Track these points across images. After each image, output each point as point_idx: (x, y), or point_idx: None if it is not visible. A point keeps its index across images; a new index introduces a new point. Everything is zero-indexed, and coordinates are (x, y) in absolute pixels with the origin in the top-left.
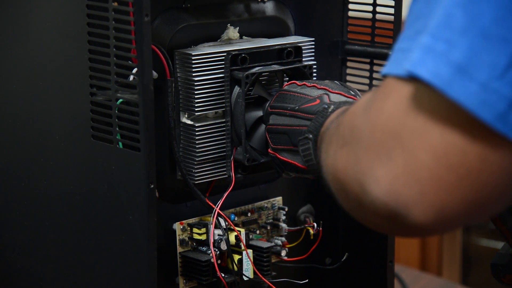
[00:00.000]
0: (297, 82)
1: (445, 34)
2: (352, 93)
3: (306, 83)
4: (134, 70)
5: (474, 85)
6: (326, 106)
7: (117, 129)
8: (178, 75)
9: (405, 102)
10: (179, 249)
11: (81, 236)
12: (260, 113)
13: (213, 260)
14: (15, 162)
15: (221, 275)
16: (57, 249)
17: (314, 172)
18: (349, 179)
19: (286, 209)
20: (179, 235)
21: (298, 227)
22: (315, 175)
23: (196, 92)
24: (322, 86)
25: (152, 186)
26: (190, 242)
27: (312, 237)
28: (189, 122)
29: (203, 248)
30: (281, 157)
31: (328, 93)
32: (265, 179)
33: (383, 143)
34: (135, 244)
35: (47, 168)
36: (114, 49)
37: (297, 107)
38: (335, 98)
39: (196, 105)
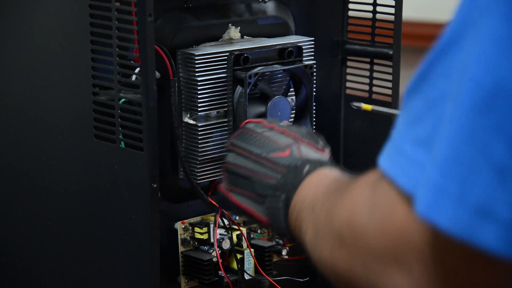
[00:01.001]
0: (265, 122)
1: (456, 171)
2: (321, 143)
3: (275, 127)
4: (137, 70)
5: (497, 227)
6: (299, 164)
7: (120, 128)
8: (181, 75)
9: (417, 223)
10: (181, 248)
11: (83, 235)
12: (262, 112)
13: (218, 259)
14: (17, 162)
15: (226, 274)
16: (59, 249)
17: (276, 231)
18: (360, 282)
19: None
20: (181, 234)
21: None
22: (277, 234)
23: (198, 92)
24: (291, 134)
25: (155, 185)
26: (191, 242)
27: None
28: (191, 121)
29: (205, 247)
30: (236, 201)
31: (298, 143)
32: None
33: (399, 252)
34: (137, 243)
35: (49, 168)
36: (117, 49)
37: (264, 154)
38: (305, 150)
39: (198, 105)
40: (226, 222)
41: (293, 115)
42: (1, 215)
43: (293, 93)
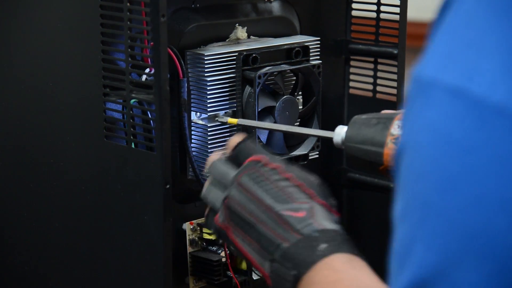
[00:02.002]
0: (282, 168)
1: None
2: (331, 201)
3: (292, 177)
4: (147, 70)
5: None
6: (314, 236)
7: (131, 129)
8: (190, 75)
9: None
10: (189, 249)
11: (94, 237)
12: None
13: (227, 259)
14: (26, 163)
15: (234, 274)
16: (70, 250)
17: None
18: None
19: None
20: (189, 235)
21: None
22: None
23: (208, 92)
24: (308, 189)
25: (168, 186)
26: (199, 242)
27: None
28: (200, 122)
29: (213, 247)
30: (235, 241)
31: (313, 203)
32: None
33: None
34: (150, 244)
35: (59, 169)
36: (129, 50)
37: (277, 209)
38: (320, 214)
39: (208, 105)
40: None
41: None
42: (10, 216)
43: (301, 92)
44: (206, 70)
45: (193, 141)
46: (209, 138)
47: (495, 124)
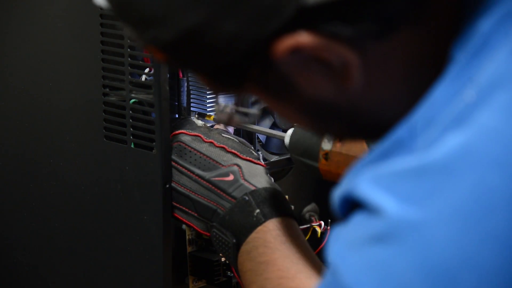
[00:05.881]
0: (203, 136)
1: None
2: (255, 154)
3: (214, 142)
4: (146, 70)
5: None
6: (247, 199)
7: (131, 129)
8: (189, 75)
9: None
10: (189, 249)
11: (94, 237)
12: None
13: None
14: (26, 163)
15: (236, 274)
16: (70, 250)
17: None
18: None
19: (292, 208)
20: (189, 235)
21: (304, 226)
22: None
23: (208, 91)
24: (231, 150)
25: (168, 186)
26: (199, 242)
27: (319, 236)
28: (199, 122)
29: (213, 247)
30: (177, 216)
31: (238, 161)
32: None
33: None
34: (150, 244)
35: (58, 169)
36: (129, 50)
37: (207, 177)
38: (247, 170)
39: (207, 105)
40: None
41: None
42: (10, 216)
43: None
44: None
45: None
46: None
47: None
